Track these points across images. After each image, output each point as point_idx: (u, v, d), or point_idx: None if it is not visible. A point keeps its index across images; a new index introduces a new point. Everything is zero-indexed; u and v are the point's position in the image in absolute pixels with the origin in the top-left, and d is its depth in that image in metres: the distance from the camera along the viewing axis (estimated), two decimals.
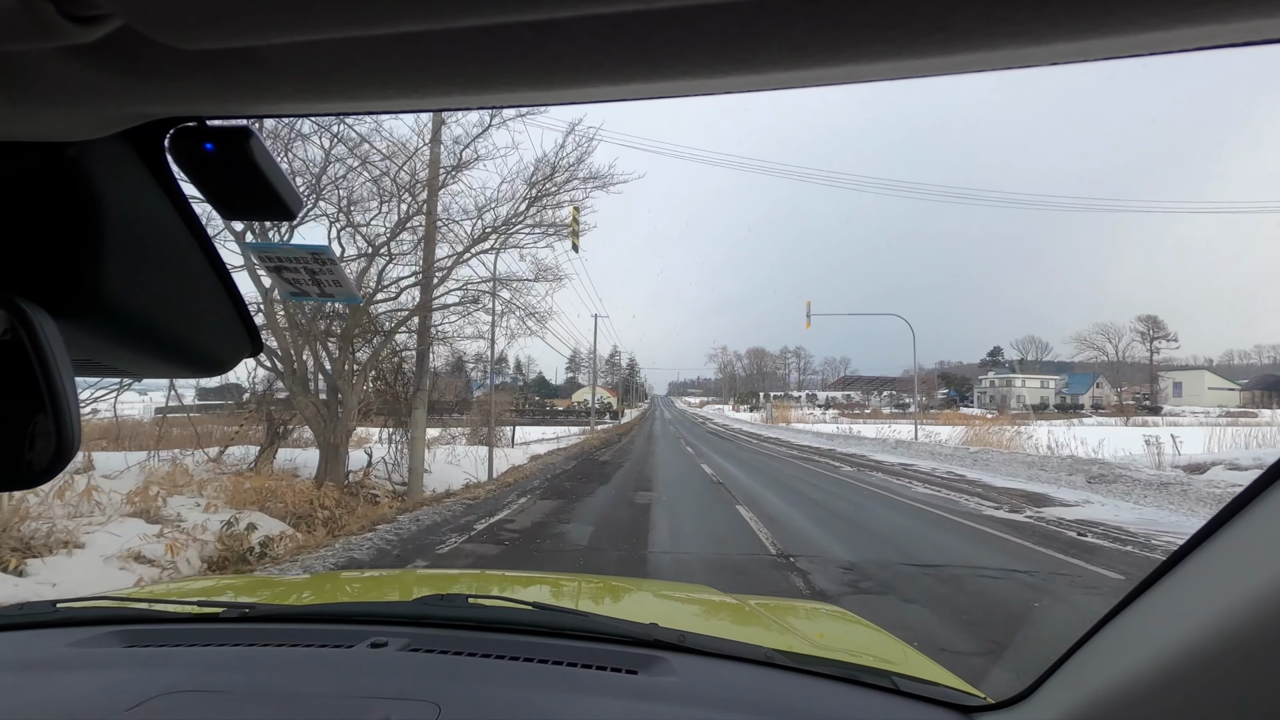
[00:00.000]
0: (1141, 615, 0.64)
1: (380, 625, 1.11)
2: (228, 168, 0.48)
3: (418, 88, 0.39)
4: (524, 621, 1.14)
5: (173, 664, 0.97)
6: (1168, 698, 0.56)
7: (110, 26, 0.32)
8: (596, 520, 8.37)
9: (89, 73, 0.37)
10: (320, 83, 0.39)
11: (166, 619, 1.18)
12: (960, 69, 0.35)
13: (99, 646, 1.04)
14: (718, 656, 1.03)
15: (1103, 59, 0.34)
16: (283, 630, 1.11)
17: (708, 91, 0.39)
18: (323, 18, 0.31)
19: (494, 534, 7.41)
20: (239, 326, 0.64)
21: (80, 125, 0.44)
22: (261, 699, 0.85)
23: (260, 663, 0.98)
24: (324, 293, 0.70)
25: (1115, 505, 10.23)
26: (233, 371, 0.67)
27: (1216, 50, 0.34)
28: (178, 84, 0.40)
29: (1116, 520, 8.68)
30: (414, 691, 0.86)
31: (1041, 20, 0.30)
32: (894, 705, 0.92)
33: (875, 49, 0.33)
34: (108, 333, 0.53)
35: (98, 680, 0.92)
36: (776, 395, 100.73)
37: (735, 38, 0.33)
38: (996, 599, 4.95)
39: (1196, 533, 0.60)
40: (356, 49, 0.35)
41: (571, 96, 0.40)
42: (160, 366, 0.62)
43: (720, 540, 7.20)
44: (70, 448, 0.44)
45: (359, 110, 0.44)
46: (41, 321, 0.43)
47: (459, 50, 0.35)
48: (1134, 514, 9.33)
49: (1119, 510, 9.67)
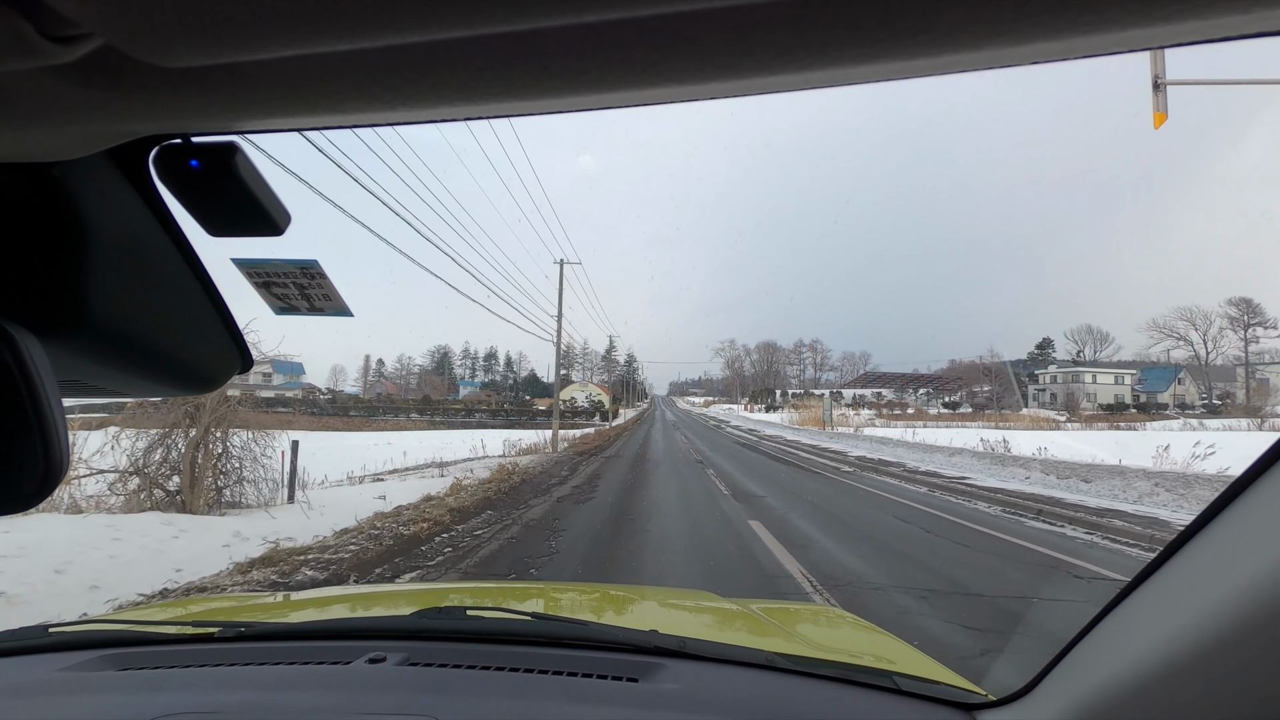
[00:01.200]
0: (1140, 607, 0.65)
1: (377, 640, 1.11)
2: (214, 184, 0.48)
3: (404, 100, 0.39)
4: (522, 632, 1.13)
5: (167, 686, 0.96)
6: (1169, 689, 0.56)
7: (91, 45, 0.32)
8: None
9: (71, 92, 0.37)
10: (307, 97, 0.39)
11: (160, 640, 1.16)
12: (946, 69, 0.35)
13: (92, 670, 1.02)
14: (719, 661, 1.03)
15: (1085, 57, 0.35)
16: (279, 648, 1.10)
17: (696, 97, 0.39)
18: (307, 32, 0.31)
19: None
20: (229, 343, 0.64)
21: (64, 144, 0.44)
22: (258, 718, 0.84)
23: (256, 682, 0.97)
24: (314, 307, 0.69)
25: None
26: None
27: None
28: (161, 101, 0.39)
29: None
30: (413, 706, 0.85)
31: (1024, 20, 0.30)
32: (896, 705, 0.92)
33: (861, 52, 0.33)
34: (95, 353, 0.52)
35: (92, 705, 0.90)
36: (795, 393, 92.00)
37: (721, 44, 0.33)
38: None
39: (1191, 523, 0.60)
40: (342, 62, 0.35)
41: (559, 106, 0.40)
42: (149, 385, 0.61)
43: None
44: (59, 469, 0.43)
45: (347, 124, 0.43)
46: (27, 343, 0.42)
47: (446, 62, 0.35)
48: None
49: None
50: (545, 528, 7.65)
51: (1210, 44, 0.34)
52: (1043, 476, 13.34)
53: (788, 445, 26.61)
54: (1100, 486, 11.63)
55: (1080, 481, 12.23)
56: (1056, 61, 0.35)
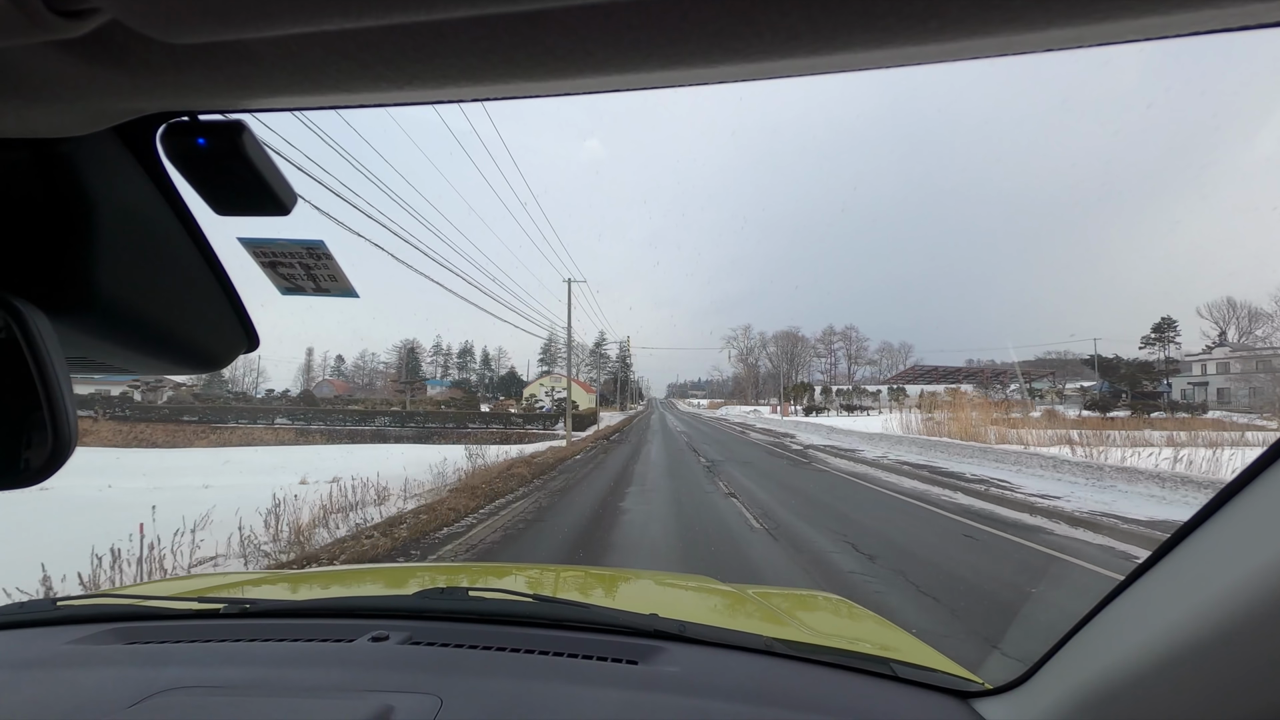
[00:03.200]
0: (1137, 600, 0.65)
1: (381, 619, 1.12)
2: (220, 162, 0.48)
3: (410, 80, 0.39)
4: (524, 613, 1.14)
5: (174, 660, 0.97)
6: (1164, 681, 0.56)
7: (99, 21, 0.32)
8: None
9: (79, 68, 0.37)
10: (313, 75, 0.39)
11: (167, 615, 1.18)
12: (956, 56, 0.35)
13: (100, 644, 1.04)
14: (718, 646, 1.04)
15: (1098, 45, 0.34)
16: (283, 625, 1.11)
17: (702, 81, 0.39)
18: (314, 10, 0.31)
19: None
20: (235, 322, 0.64)
21: (71, 121, 0.44)
22: (263, 694, 0.86)
23: (261, 658, 0.98)
24: (319, 288, 0.69)
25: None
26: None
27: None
28: (168, 78, 0.39)
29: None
30: (415, 684, 0.86)
31: (1036, 6, 0.30)
32: (893, 691, 0.93)
33: (870, 37, 0.33)
34: (102, 329, 0.52)
35: (99, 677, 0.92)
36: (839, 389, 72.03)
37: (729, 26, 0.33)
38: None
39: (1191, 518, 0.60)
40: (349, 41, 0.35)
41: (565, 87, 0.40)
42: (155, 363, 0.61)
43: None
44: (67, 445, 0.44)
45: (352, 104, 0.43)
46: (36, 319, 0.43)
47: (451, 42, 0.35)
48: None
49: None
50: None
51: (1227, 33, 0.34)
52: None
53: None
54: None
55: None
56: (1070, 49, 0.35)
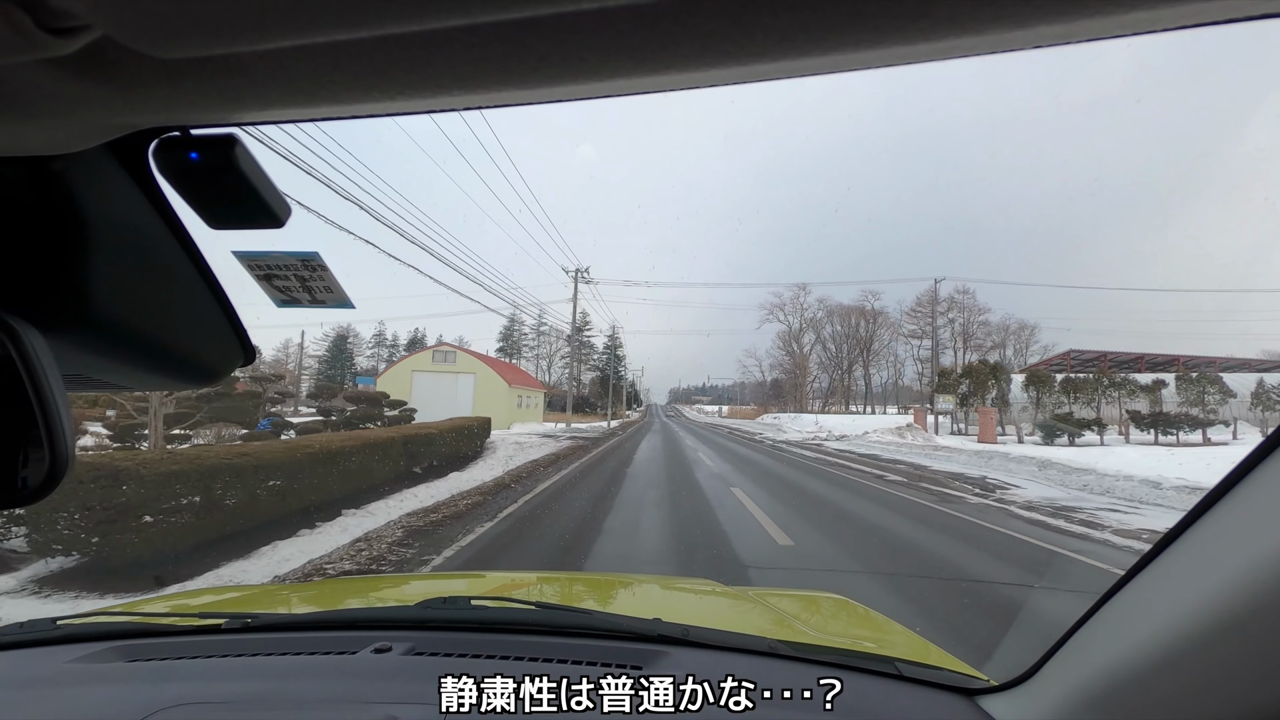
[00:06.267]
0: (1141, 594, 0.65)
1: (383, 630, 1.11)
2: (213, 176, 0.48)
3: (403, 90, 0.39)
4: (527, 621, 1.14)
5: (175, 677, 0.97)
6: (1170, 675, 0.56)
7: (90, 37, 0.32)
8: None
9: (71, 85, 0.37)
10: (305, 88, 0.39)
11: (168, 632, 1.17)
12: (946, 54, 0.35)
13: (101, 662, 1.03)
14: (722, 649, 1.03)
15: (1088, 40, 0.34)
16: (285, 639, 1.11)
17: (695, 85, 0.39)
18: (305, 22, 0.31)
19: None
20: (231, 336, 0.64)
21: (63, 137, 0.43)
22: (266, 708, 0.85)
23: (264, 672, 0.98)
24: (315, 300, 0.69)
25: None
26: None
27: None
28: (160, 93, 0.39)
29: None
30: (418, 695, 0.86)
31: (1025, 3, 0.30)
32: (898, 691, 0.93)
33: (861, 37, 0.33)
34: (98, 346, 0.52)
35: (101, 696, 0.91)
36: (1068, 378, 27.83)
37: (721, 30, 0.33)
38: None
39: (1191, 511, 0.60)
40: (341, 52, 0.35)
41: (558, 94, 0.40)
42: (152, 379, 0.61)
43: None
44: (64, 464, 0.44)
45: (346, 115, 0.43)
46: (31, 337, 0.43)
47: (444, 51, 0.35)
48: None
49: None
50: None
51: (1215, 26, 0.34)
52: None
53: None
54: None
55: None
56: (1059, 45, 0.35)
